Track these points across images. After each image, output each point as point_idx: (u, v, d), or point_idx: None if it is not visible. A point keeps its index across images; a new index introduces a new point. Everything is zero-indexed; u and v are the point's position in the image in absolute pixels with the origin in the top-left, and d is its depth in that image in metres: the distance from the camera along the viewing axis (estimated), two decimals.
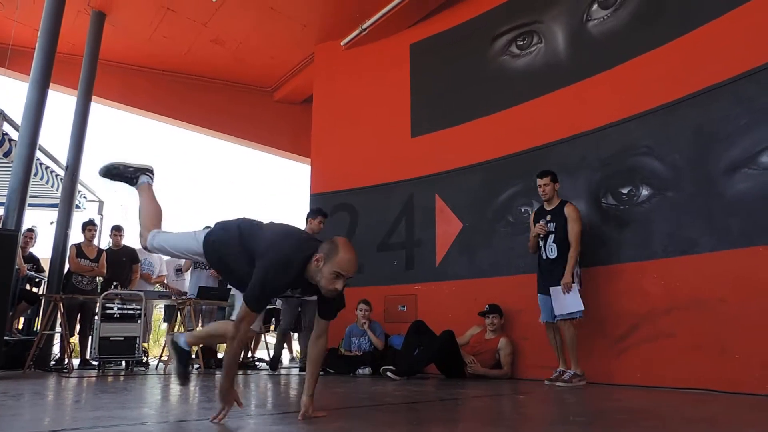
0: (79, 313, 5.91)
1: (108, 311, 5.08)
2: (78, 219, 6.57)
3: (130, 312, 5.18)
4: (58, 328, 5.42)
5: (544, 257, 4.40)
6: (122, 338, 5.07)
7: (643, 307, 4.23)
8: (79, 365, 5.72)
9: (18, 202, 5.03)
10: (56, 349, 5.98)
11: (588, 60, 5.07)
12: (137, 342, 5.16)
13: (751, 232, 3.74)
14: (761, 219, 3.70)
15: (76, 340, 6.28)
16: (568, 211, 4.33)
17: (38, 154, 5.66)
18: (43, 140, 5.50)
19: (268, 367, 5.76)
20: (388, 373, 4.66)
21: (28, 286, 6.37)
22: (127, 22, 7.17)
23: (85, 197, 8.01)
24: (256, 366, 6.09)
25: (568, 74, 5.19)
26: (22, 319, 6.44)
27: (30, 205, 5.66)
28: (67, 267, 5.99)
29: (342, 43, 7.12)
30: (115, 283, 5.66)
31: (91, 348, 5.39)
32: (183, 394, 3.32)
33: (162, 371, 5.36)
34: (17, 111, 5.27)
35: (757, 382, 3.49)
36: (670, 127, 4.33)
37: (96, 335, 5.00)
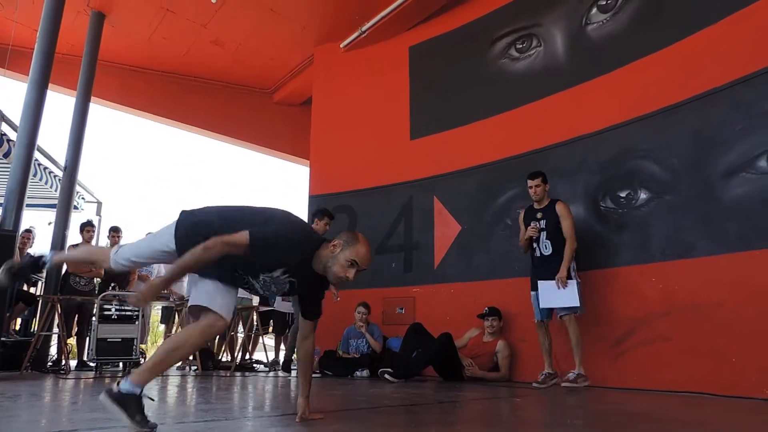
0: (77, 315, 5.90)
1: (105, 312, 5.08)
2: (76, 220, 6.57)
3: (128, 313, 5.17)
4: (56, 330, 5.41)
5: (538, 254, 4.42)
6: (120, 339, 5.07)
7: (641, 311, 4.24)
8: (77, 366, 5.71)
9: (16, 202, 5.03)
10: (53, 351, 5.98)
11: (587, 63, 5.08)
12: (135, 343, 5.16)
13: (749, 236, 3.75)
14: (759, 223, 3.71)
15: (73, 342, 6.27)
16: (560, 208, 4.36)
17: (36, 155, 5.66)
18: (41, 141, 5.50)
19: (281, 368, 5.76)
20: (386, 376, 4.66)
21: (26, 287, 6.36)
22: (126, 22, 7.17)
23: (83, 198, 8.00)
24: (254, 368, 6.08)
25: (567, 77, 5.20)
26: (19, 320, 6.44)
27: (28, 206, 5.66)
28: (65, 268, 5.98)
29: (341, 45, 7.13)
30: (112, 285, 5.65)
31: (89, 349, 5.39)
32: (180, 395, 3.31)
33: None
34: (16, 111, 5.28)
35: (754, 386, 3.49)
36: (668, 131, 4.35)
37: (93, 336, 5.00)
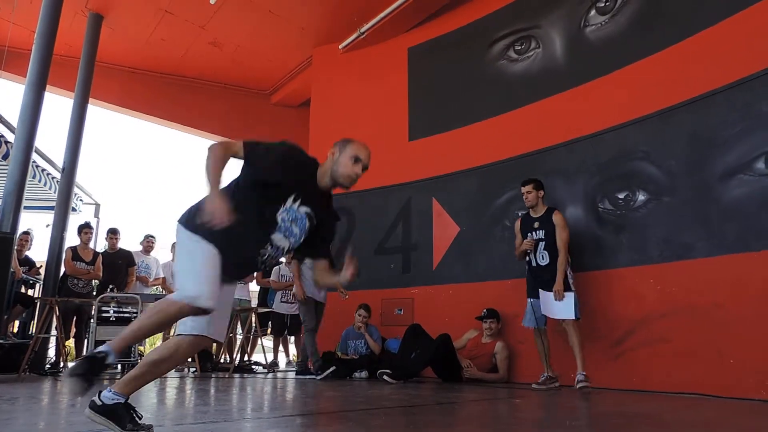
0: (75, 317, 5.89)
1: (104, 314, 5.07)
2: (74, 222, 6.56)
3: (126, 315, 5.16)
4: (54, 332, 5.39)
5: (534, 264, 4.40)
6: None
7: (639, 312, 4.25)
8: None
9: (14, 204, 5.02)
10: (52, 353, 5.96)
11: (585, 65, 5.09)
12: (133, 345, 5.14)
13: (747, 238, 3.76)
14: (756, 224, 3.72)
15: (71, 344, 6.26)
16: (557, 219, 4.34)
17: (34, 157, 5.65)
18: (39, 142, 5.50)
19: (314, 372, 5.12)
20: (385, 377, 4.66)
21: (24, 289, 6.34)
22: (124, 24, 7.16)
23: (81, 200, 8.00)
24: (253, 369, 6.07)
25: (566, 79, 5.21)
26: (17, 323, 6.42)
27: (26, 208, 5.65)
28: (63, 270, 5.97)
29: (340, 47, 7.13)
30: (111, 286, 5.64)
31: (87, 351, 5.37)
32: (179, 397, 3.30)
33: None
34: (13, 113, 5.27)
35: (753, 387, 3.50)
36: (666, 133, 4.35)
37: (92, 338, 4.99)
